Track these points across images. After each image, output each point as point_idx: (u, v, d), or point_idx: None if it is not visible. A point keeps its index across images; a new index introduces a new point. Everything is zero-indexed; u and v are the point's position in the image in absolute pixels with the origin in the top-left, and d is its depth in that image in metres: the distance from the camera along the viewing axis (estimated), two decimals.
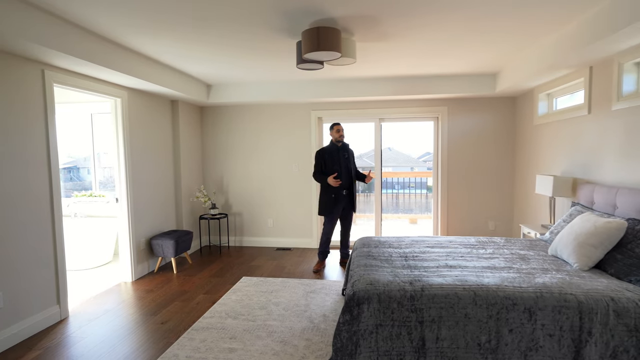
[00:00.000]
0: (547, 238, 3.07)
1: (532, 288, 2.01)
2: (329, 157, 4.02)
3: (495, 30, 2.81)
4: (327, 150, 4.06)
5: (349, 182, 4.06)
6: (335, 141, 4.07)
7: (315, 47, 2.49)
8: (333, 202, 3.99)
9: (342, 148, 4.08)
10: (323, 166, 4.03)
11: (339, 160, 4.02)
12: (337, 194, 4.00)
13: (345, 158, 4.06)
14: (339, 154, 4.04)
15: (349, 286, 2.21)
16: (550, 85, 3.80)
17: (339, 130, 4.04)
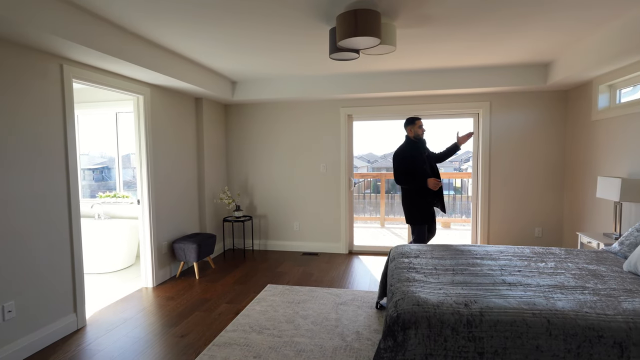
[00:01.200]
0: (617, 250, 2.65)
1: (621, 316, 1.64)
2: (413, 158, 3.45)
3: (559, 10, 2.43)
4: (409, 150, 3.49)
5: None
6: (415, 138, 3.52)
7: (353, 32, 2.20)
8: (427, 208, 3.47)
9: (422, 145, 3.55)
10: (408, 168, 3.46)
11: (424, 159, 3.47)
12: (432, 197, 3.46)
13: (427, 156, 3.54)
14: (422, 152, 3.50)
15: (390, 305, 1.91)
16: (613, 76, 3.35)
17: (421, 126, 3.50)
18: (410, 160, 3.44)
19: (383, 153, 27.42)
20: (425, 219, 3.47)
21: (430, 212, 3.49)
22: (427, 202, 3.45)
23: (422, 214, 3.46)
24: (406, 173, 3.44)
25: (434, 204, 3.51)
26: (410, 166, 3.43)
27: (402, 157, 3.50)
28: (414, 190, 3.46)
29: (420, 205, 3.46)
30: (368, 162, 25.79)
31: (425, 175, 3.40)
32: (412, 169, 3.42)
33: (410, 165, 3.43)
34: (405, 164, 3.46)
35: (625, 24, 2.62)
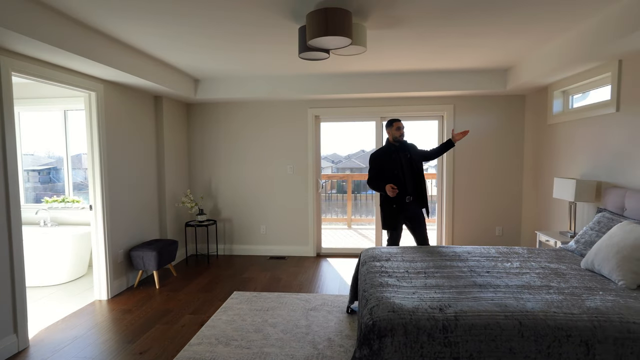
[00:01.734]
0: (574, 248, 2.79)
1: (587, 315, 1.69)
2: (387, 161, 3.33)
3: (520, 20, 2.51)
4: (384, 152, 3.38)
5: (415, 188, 3.34)
6: (394, 140, 3.38)
7: (323, 31, 2.13)
8: (395, 213, 3.31)
9: (402, 147, 3.38)
10: (380, 172, 3.34)
11: (400, 163, 3.32)
12: (399, 203, 3.30)
13: (407, 158, 3.35)
14: (399, 156, 3.35)
15: (365, 312, 1.86)
16: (566, 82, 3.54)
17: (399, 128, 3.34)
18: (380, 164, 3.34)
19: (347, 154, 27.62)
20: (391, 224, 3.35)
21: (398, 218, 3.33)
22: (392, 208, 3.29)
23: (387, 220, 3.35)
24: (374, 178, 3.35)
25: (404, 209, 3.31)
26: (379, 170, 3.33)
27: (372, 161, 3.41)
28: (382, 195, 3.36)
29: (387, 211, 3.35)
30: (332, 163, 25.91)
31: (395, 180, 3.26)
32: (380, 173, 3.32)
33: (379, 170, 3.33)
34: (375, 169, 3.37)
35: (576, 36, 2.77)
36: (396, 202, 3.28)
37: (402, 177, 3.29)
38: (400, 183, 3.27)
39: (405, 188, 3.28)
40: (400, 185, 3.26)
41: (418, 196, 3.34)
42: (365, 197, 7.30)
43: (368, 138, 3.47)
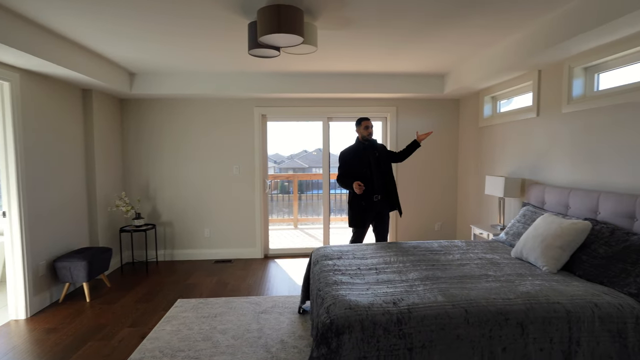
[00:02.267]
0: (504, 239, 3.06)
1: (520, 299, 1.86)
2: (356, 159, 3.35)
3: (455, 32, 2.70)
4: (353, 151, 3.39)
5: (382, 187, 3.37)
6: (363, 139, 3.40)
7: (275, 28, 2.09)
8: (363, 212, 3.34)
9: (370, 146, 3.40)
10: (349, 169, 3.36)
11: (368, 161, 3.34)
12: (368, 201, 3.32)
13: (375, 157, 3.37)
14: (368, 154, 3.36)
15: (321, 311, 1.86)
16: (494, 89, 3.89)
17: (368, 127, 3.36)
18: (349, 162, 3.37)
19: (290, 153, 27.49)
20: (359, 222, 3.36)
21: (367, 216, 3.35)
22: (361, 206, 3.32)
23: (355, 218, 3.37)
24: (343, 175, 3.38)
25: (372, 208, 3.34)
26: (348, 168, 3.36)
27: (342, 158, 3.43)
28: (351, 193, 3.38)
29: (355, 209, 3.36)
30: (275, 163, 25.71)
31: (363, 179, 3.28)
32: (349, 171, 3.35)
33: (348, 168, 3.36)
34: (344, 167, 3.39)
35: (503, 48, 3.07)
36: (365, 200, 3.31)
37: (370, 175, 3.31)
38: (369, 181, 3.30)
39: (373, 186, 3.31)
40: (368, 183, 3.29)
41: (386, 195, 3.39)
42: (311, 196, 7.34)
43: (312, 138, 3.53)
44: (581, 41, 2.40)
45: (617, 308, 1.82)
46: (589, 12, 2.19)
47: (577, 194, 2.69)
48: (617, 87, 2.56)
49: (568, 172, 2.91)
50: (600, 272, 2.12)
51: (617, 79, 2.63)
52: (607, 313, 1.81)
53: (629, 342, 1.78)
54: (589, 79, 2.79)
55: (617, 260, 2.09)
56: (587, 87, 2.81)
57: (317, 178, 7.38)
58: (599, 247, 2.24)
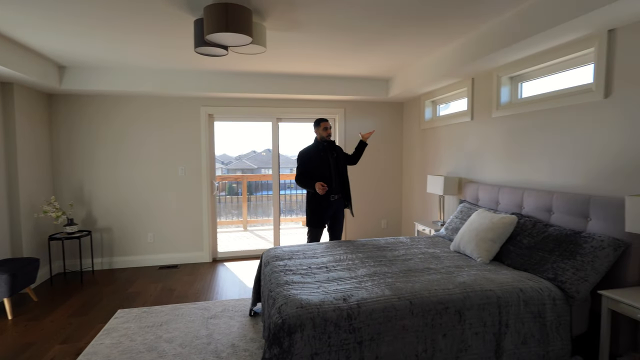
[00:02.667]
0: (444, 234, 3.29)
1: (458, 289, 2.02)
2: (315, 159, 3.37)
3: (397, 41, 2.85)
4: (312, 151, 3.40)
5: (338, 185, 3.42)
6: (321, 140, 3.42)
7: (223, 27, 2.06)
8: (323, 212, 3.37)
9: (329, 147, 3.44)
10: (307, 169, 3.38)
11: (327, 162, 3.38)
12: (326, 202, 3.37)
13: (334, 158, 3.42)
14: (327, 154, 3.40)
15: (273, 312, 1.86)
16: (435, 94, 4.15)
17: (326, 128, 3.39)
18: (307, 162, 3.38)
19: (238, 154, 26.93)
20: (317, 222, 3.39)
21: (325, 216, 3.39)
22: (320, 206, 3.36)
23: (314, 217, 3.39)
24: (302, 176, 3.39)
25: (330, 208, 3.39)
26: (306, 168, 3.38)
27: (301, 158, 3.44)
28: (310, 193, 3.41)
29: (314, 209, 3.39)
30: (223, 164, 25.02)
31: (322, 179, 3.32)
32: (309, 171, 3.37)
33: (307, 168, 3.38)
34: (302, 166, 3.40)
35: (440, 56, 3.29)
36: (323, 200, 3.35)
37: (329, 175, 3.36)
38: (328, 181, 3.35)
39: (331, 186, 3.36)
40: (327, 183, 3.34)
41: (343, 196, 3.47)
42: (261, 197, 7.26)
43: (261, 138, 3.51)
44: (506, 54, 2.66)
45: (537, 292, 2.05)
46: (511, 28, 2.44)
47: (505, 191, 2.97)
48: (535, 95, 2.87)
49: (498, 172, 3.21)
50: (525, 261, 2.37)
51: (536, 88, 2.95)
52: (530, 297, 2.03)
53: (547, 321, 2.02)
54: (514, 87, 3.10)
55: (537, 249, 2.35)
56: (512, 94, 3.12)
57: (266, 179, 7.32)
58: (524, 238, 2.50)
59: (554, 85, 2.77)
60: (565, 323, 2.04)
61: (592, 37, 2.29)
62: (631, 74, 2.10)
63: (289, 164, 17.69)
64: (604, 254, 2.03)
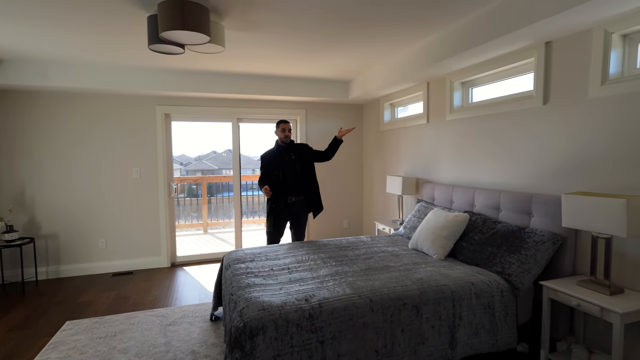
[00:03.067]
0: (403, 233, 3.41)
1: (416, 285, 2.11)
2: (271, 161, 3.42)
3: (355, 44, 2.92)
4: (271, 153, 3.46)
5: (297, 187, 3.41)
6: (280, 141, 3.44)
7: (179, 25, 2.00)
8: (277, 213, 3.39)
9: (287, 149, 3.44)
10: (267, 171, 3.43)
11: (281, 164, 3.40)
12: (279, 203, 3.36)
13: (291, 160, 3.42)
14: (283, 157, 3.42)
15: (234, 315, 1.84)
16: (393, 96, 4.29)
17: (284, 130, 3.39)
18: (266, 164, 3.43)
19: (198, 155, 26.16)
20: (272, 224, 3.41)
21: (279, 218, 3.40)
22: (272, 208, 3.39)
23: (269, 218, 3.44)
24: (261, 178, 3.45)
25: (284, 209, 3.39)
26: (265, 171, 3.43)
27: (261, 161, 3.49)
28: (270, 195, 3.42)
29: (269, 210, 3.44)
30: (181, 165, 24.18)
31: (275, 182, 3.37)
32: (265, 174, 3.42)
33: (266, 170, 3.43)
34: (263, 168, 3.46)
35: (398, 60, 3.41)
36: (277, 202, 3.37)
37: (282, 177, 3.38)
38: (280, 184, 3.37)
39: (285, 189, 3.37)
40: (279, 186, 3.35)
41: (305, 197, 3.46)
42: (222, 199, 7.10)
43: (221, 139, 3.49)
44: (457, 60, 2.81)
45: (487, 285, 2.19)
46: (460, 37, 2.58)
47: (458, 190, 3.14)
48: (484, 100, 3.06)
49: (451, 172, 3.38)
50: (476, 256, 2.52)
51: (485, 93, 3.14)
52: (480, 289, 2.16)
53: (496, 312, 2.16)
54: (466, 92, 3.28)
55: (487, 245, 2.50)
56: (464, 99, 3.30)
57: (227, 180, 7.17)
58: (475, 234, 2.66)
59: (501, 91, 2.96)
60: (512, 313, 2.19)
61: (532, 48, 2.48)
62: (564, 83, 2.30)
63: (250, 165, 17.48)
64: (545, 248, 2.21)
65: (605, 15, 1.95)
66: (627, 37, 2.05)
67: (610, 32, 2.05)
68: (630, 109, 1.96)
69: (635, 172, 1.94)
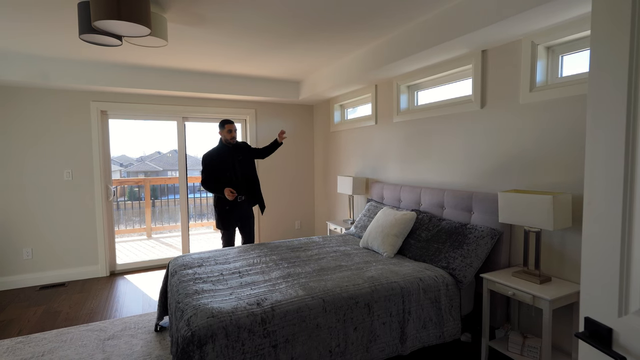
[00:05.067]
0: (354, 232, 3.46)
1: (367, 283, 2.14)
2: (219, 162, 3.30)
3: (306, 46, 2.92)
4: (216, 154, 3.33)
5: (247, 187, 3.42)
6: (226, 142, 3.36)
7: (115, 14, 1.84)
8: (229, 214, 3.34)
9: (234, 149, 3.38)
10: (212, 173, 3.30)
11: (232, 165, 3.33)
12: (232, 204, 3.33)
13: (239, 160, 3.39)
14: (232, 157, 3.35)
15: (181, 325, 1.74)
16: (343, 98, 4.35)
17: (231, 131, 3.33)
18: (212, 165, 3.30)
19: (140, 155, 24.71)
20: (225, 224, 3.37)
21: (233, 218, 3.37)
22: (225, 209, 3.33)
23: (222, 221, 3.37)
24: (205, 179, 3.30)
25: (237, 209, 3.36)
26: (211, 172, 3.30)
27: (204, 161, 3.34)
28: (216, 196, 3.37)
29: (220, 211, 3.36)
30: (121, 166, 22.64)
31: (227, 183, 3.30)
32: (213, 175, 3.29)
33: (211, 171, 3.30)
34: (207, 170, 3.31)
35: (347, 62, 3.47)
36: (229, 202, 3.32)
37: (234, 178, 3.34)
38: (233, 184, 3.32)
39: (237, 189, 3.34)
40: (232, 186, 3.31)
41: (250, 195, 3.45)
42: (167, 202, 6.73)
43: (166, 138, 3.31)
44: (402, 64, 2.92)
45: (434, 279, 2.29)
46: (405, 42, 2.69)
47: (405, 189, 3.26)
48: (428, 103, 3.21)
49: (399, 172, 3.50)
50: (423, 253, 2.63)
51: (430, 97, 3.29)
52: (428, 285, 2.25)
53: (442, 305, 2.26)
54: (412, 95, 3.42)
55: (433, 241, 2.62)
56: (410, 102, 3.43)
57: (173, 182, 6.82)
58: (422, 232, 2.77)
59: (444, 95, 3.13)
60: (456, 305, 2.32)
61: (470, 56, 2.65)
62: (499, 89, 2.48)
63: (197, 166, 16.80)
64: (484, 242, 2.36)
65: (532, 29, 2.13)
66: (551, 49, 2.26)
67: (537, 44, 2.24)
68: (554, 115, 2.16)
69: (559, 171, 2.14)
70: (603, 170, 0.80)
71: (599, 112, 0.80)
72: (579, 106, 2.04)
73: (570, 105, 2.08)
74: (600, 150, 0.80)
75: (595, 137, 0.81)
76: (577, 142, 2.05)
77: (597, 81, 0.81)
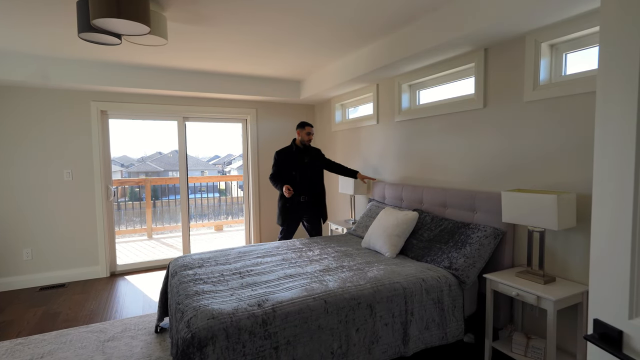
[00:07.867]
0: (356, 232, 3.44)
1: (369, 284, 2.12)
2: (286, 160, 3.46)
3: (307, 46, 2.90)
4: (286, 152, 3.49)
5: (309, 189, 3.48)
6: (300, 143, 3.49)
7: (114, 12, 1.83)
8: (287, 211, 3.47)
9: (304, 151, 3.49)
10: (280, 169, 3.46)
11: (296, 164, 3.44)
12: (292, 202, 3.46)
13: (305, 162, 3.47)
14: (298, 157, 3.46)
15: (181, 326, 1.72)
16: (344, 97, 4.33)
17: (309, 133, 3.45)
18: (281, 162, 3.45)
19: (141, 155, 24.74)
20: (283, 220, 3.49)
21: (290, 216, 3.48)
22: (285, 206, 3.46)
23: (280, 216, 3.50)
24: (274, 174, 3.47)
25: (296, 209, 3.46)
26: (278, 169, 3.45)
27: (275, 158, 3.51)
28: (280, 193, 3.49)
29: (280, 208, 3.49)
30: (122, 166, 22.67)
31: (289, 181, 3.42)
32: (279, 172, 3.45)
33: (278, 168, 3.45)
34: (276, 165, 3.48)
35: (349, 61, 3.44)
36: (289, 200, 3.46)
37: (297, 177, 3.45)
38: (295, 183, 3.43)
39: (298, 188, 3.44)
40: (294, 184, 3.42)
41: (313, 199, 3.52)
42: (168, 202, 6.72)
43: (167, 139, 3.31)
44: (404, 63, 2.90)
45: (437, 280, 2.26)
46: (406, 41, 2.67)
47: (407, 189, 3.24)
48: (431, 102, 3.19)
49: (400, 171, 3.48)
50: (425, 253, 2.60)
51: (432, 96, 3.27)
52: (430, 285, 2.23)
53: (445, 306, 2.24)
54: (413, 94, 3.40)
55: (435, 241, 2.60)
56: (412, 101, 3.41)
57: (174, 182, 6.81)
58: (424, 232, 2.75)
59: (446, 94, 3.10)
60: (459, 306, 2.29)
61: (473, 54, 2.62)
62: (502, 87, 2.46)
63: (199, 166, 16.80)
64: (487, 242, 2.34)
65: (535, 26, 2.11)
66: (554, 47, 2.24)
67: (540, 42, 2.22)
68: (557, 113, 2.13)
69: (564, 170, 2.12)
70: (613, 169, 0.78)
71: (608, 109, 0.78)
72: (583, 104, 2.01)
73: (574, 103, 2.05)
74: (610, 149, 0.78)
75: (604, 135, 0.79)
76: (582, 140, 2.03)
77: (607, 77, 0.78)
